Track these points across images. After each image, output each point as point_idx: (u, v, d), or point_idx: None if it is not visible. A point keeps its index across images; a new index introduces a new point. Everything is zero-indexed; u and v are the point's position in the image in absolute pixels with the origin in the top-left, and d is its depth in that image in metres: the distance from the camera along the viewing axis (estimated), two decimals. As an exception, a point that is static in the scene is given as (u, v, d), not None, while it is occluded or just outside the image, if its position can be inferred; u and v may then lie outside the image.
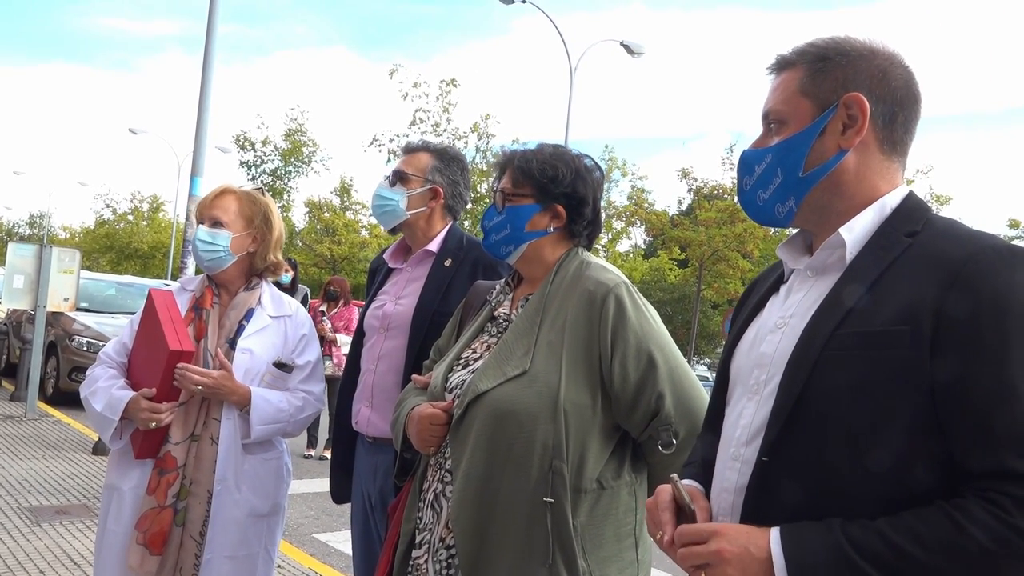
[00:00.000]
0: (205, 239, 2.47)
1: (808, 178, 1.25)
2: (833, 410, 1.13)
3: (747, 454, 1.23)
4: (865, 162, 1.25)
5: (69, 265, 8.98)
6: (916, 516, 1.05)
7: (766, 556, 1.10)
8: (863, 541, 1.05)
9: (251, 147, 30.10)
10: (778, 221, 1.31)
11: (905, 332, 1.09)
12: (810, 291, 1.26)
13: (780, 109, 1.29)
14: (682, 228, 26.41)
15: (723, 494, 1.27)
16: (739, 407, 1.29)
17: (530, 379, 1.77)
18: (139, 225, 42.29)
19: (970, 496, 1.04)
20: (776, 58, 1.33)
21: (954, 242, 1.14)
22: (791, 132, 1.27)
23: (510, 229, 1.95)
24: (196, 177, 9.05)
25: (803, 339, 1.19)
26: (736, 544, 1.12)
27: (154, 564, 2.30)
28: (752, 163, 1.32)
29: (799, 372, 1.16)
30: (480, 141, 24.44)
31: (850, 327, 1.14)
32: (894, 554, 1.03)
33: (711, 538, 1.15)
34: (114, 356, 2.54)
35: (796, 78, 1.28)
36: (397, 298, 2.54)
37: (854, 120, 1.23)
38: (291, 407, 2.48)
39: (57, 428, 8.24)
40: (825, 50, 1.27)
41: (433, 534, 1.86)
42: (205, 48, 9.35)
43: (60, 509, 5.39)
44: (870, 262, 1.19)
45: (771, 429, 1.18)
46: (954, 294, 1.08)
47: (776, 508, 1.16)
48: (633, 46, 19.81)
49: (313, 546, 5.18)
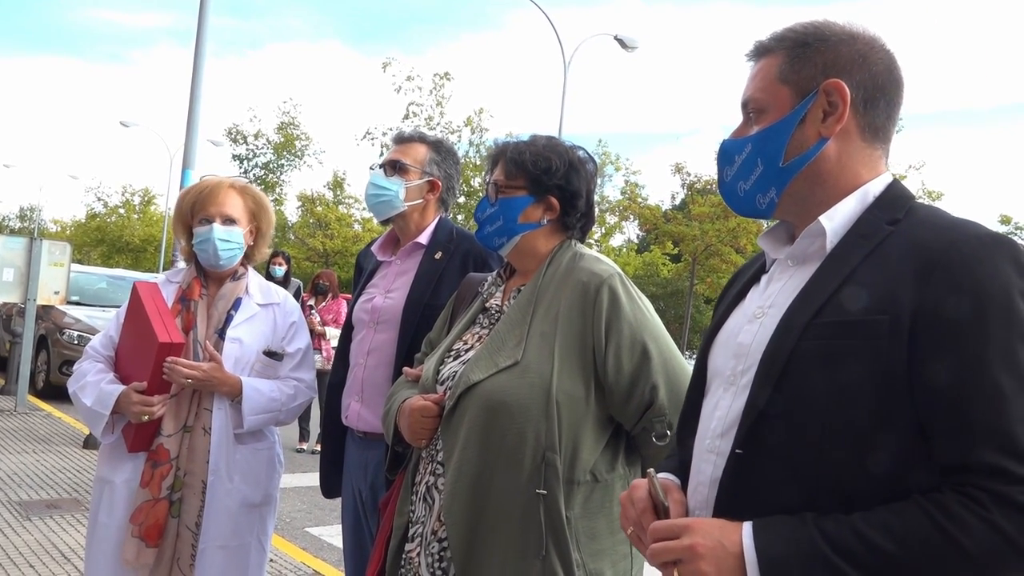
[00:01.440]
0: (225, 238, 2.45)
1: (789, 168, 1.22)
2: (808, 401, 1.10)
3: (722, 446, 1.21)
4: (846, 150, 1.22)
5: (59, 258, 8.94)
6: (891, 511, 1.03)
7: (739, 551, 1.07)
8: (836, 536, 1.03)
9: (243, 140, 30.02)
10: (760, 212, 1.28)
11: (883, 321, 1.06)
12: (790, 280, 1.24)
13: (759, 97, 1.26)
14: (675, 223, 26.44)
15: (699, 487, 1.25)
16: (715, 398, 1.27)
17: (522, 370, 1.76)
18: (130, 218, 42.15)
19: (947, 491, 1.02)
20: (754, 44, 1.30)
21: (935, 231, 1.11)
22: (770, 121, 1.24)
23: (503, 221, 1.94)
24: (188, 170, 8.99)
25: (780, 329, 1.16)
26: (709, 539, 1.09)
27: (150, 556, 2.30)
28: (732, 153, 1.29)
29: (775, 362, 1.14)
30: (474, 135, 24.42)
31: (827, 316, 1.11)
32: (867, 549, 1.01)
33: (683, 533, 1.12)
34: (101, 350, 2.53)
35: (775, 65, 1.24)
36: (387, 291, 2.52)
37: (834, 107, 1.20)
38: (283, 395, 2.48)
39: (47, 422, 8.21)
40: (804, 35, 1.24)
41: (425, 527, 1.85)
42: (197, 40, 9.30)
43: (50, 503, 5.36)
44: (850, 250, 1.16)
45: (745, 420, 1.16)
46: (933, 283, 1.05)
47: (749, 501, 1.13)
48: (627, 40, 19.78)
49: (306, 540, 5.18)
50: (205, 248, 2.45)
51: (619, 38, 19.78)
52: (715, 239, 25.10)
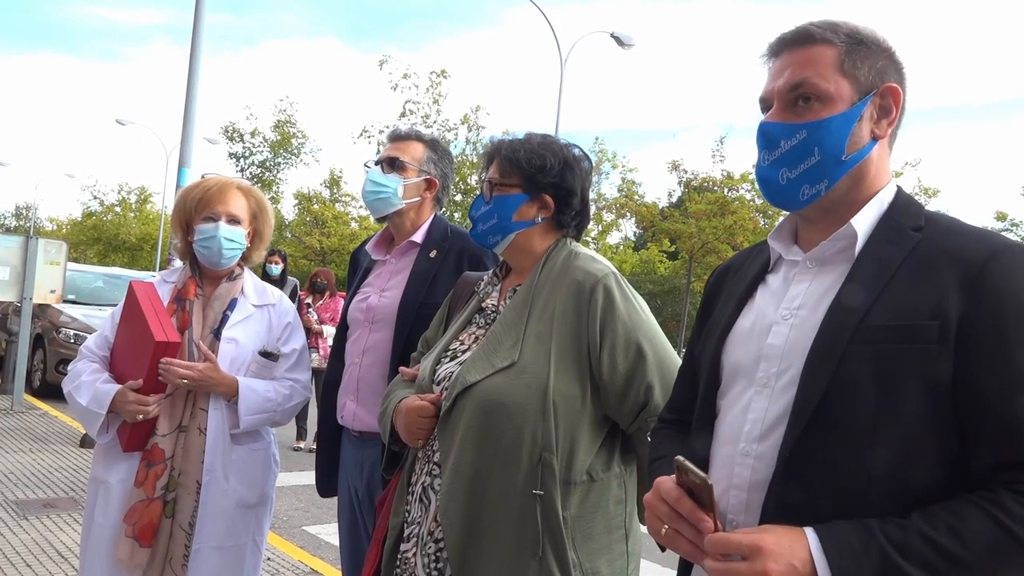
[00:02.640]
0: (230, 237, 2.45)
1: (848, 162, 1.22)
2: (860, 403, 1.11)
3: (761, 450, 1.20)
4: (881, 154, 1.25)
5: (55, 257, 8.92)
6: (950, 513, 1.05)
7: (811, 571, 1.05)
8: (905, 544, 1.04)
9: (240, 138, 29.90)
10: (796, 203, 1.24)
11: (934, 327, 1.09)
12: (814, 282, 1.24)
13: (818, 83, 1.21)
14: (672, 220, 26.38)
15: (732, 491, 1.23)
16: (744, 401, 1.25)
17: (519, 370, 1.75)
18: (127, 217, 41.97)
19: (999, 489, 1.04)
20: (796, 29, 1.25)
21: (968, 239, 1.15)
22: (832, 111, 1.20)
23: (497, 219, 1.94)
24: (184, 168, 8.99)
25: (824, 331, 1.16)
26: (782, 563, 1.05)
27: (144, 556, 2.30)
28: (778, 137, 1.23)
29: (823, 365, 1.14)
30: (470, 133, 24.31)
31: (875, 320, 1.13)
32: (939, 556, 1.03)
33: (753, 555, 1.06)
34: (96, 350, 2.52)
35: (834, 55, 1.21)
36: (382, 290, 2.52)
37: (887, 111, 1.23)
38: (279, 396, 2.48)
39: (44, 421, 8.19)
40: (859, 34, 1.23)
41: (421, 527, 1.85)
42: (192, 38, 9.28)
43: (47, 502, 5.35)
44: (882, 256, 1.18)
45: (794, 424, 1.15)
46: (977, 292, 1.09)
47: (802, 505, 1.13)
48: (623, 38, 19.75)
49: (303, 538, 5.17)
50: (209, 246, 2.44)
51: (615, 35, 19.75)
52: (712, 236, 25.04)
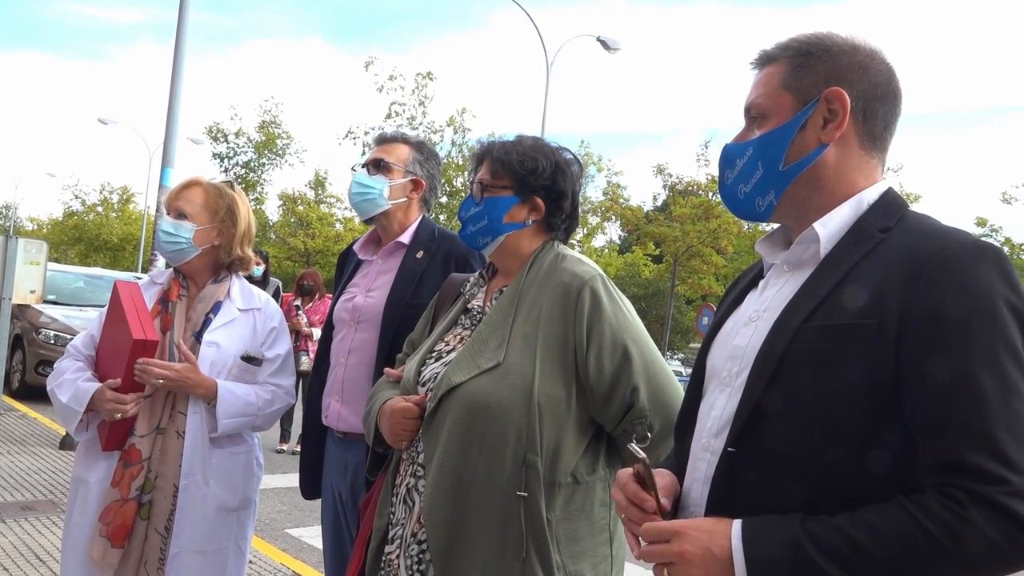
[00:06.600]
0: (168, 230, 2.45)
1: (788, 171, 1.26)
2: (799, 402, 1.13)
3: (716, 445, 1.24)
4: (844, 157, 1.26)
5: (35, 257, 8.81)
6: (874, 511, 1.05)
7: (727, 555, 1.10)
8: (822, 536, 1.05)
9: (224, 139, 29.74)
10: (758, 215, 1.32)
11: (871, 325, 1.10)
12: (784, 285, 1.27)
13: (762, 103, 1.30)
14: (657, 224, 26.46)
15: (694, 485, 1.28)
16: (712, 399, 1.30)
17: (504, 371, 1.75)
18: (109, 217, 41.58)
19: (928, 491, 1.04)
20: (759, 53, 1.34)
21: (924, 238, 1.15)
22: (772, 126, 1.28)
23: (487, 220, 1.93)
24: (167, 168, 8.92)
25: (772, 332, 1.20)
26: (698, 545, 1.12)
27: (116, 557, 2.28)
28: (734, 157, 1.33)
29: (767, 364, 1.17)
30: (456, 135, 24.28)
31: (817, 320, 1.15)
32: (851, 549, 1.03)
33: (673, 538, 1.14)
34: (82, 349, 2.51)
35: (779, 73, 1.29)
36: (367, 290, 2.51)
37: (835, 115, 1.24)
38: (260, 400, 2.45)
39: (23, 423, 8.09)
40: (807, 45, 1.28)
41: (405, 529, 1.84)
42: (176, 37, 9.22)
43: (26, 505, 5.29)
44: (843, 256, 1.20)
45: (737, 420, 1.19)
46: (920, 288, 1.09)
47: (740, 499, 1.16)
48: (609, 42, 19.82)
49: (285, 541, 5.14)
50: (156, 241, 2.44)
51: (602, 39, 19.82)
52: (696, 240, 25.15)
